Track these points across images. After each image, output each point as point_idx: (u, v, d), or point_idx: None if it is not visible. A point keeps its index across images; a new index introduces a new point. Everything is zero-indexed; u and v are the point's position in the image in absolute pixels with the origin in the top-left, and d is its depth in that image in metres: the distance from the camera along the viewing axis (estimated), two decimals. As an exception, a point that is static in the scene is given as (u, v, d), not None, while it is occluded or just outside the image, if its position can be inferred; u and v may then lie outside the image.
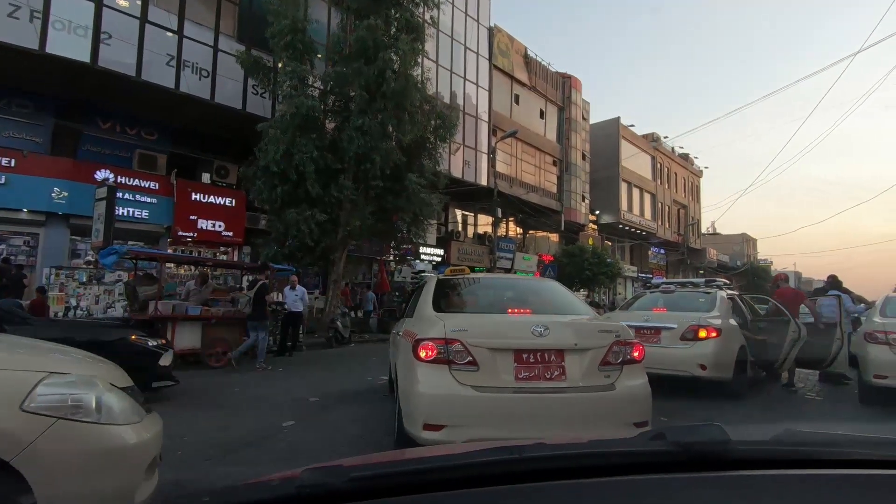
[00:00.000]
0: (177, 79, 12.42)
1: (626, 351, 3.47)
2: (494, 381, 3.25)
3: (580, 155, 29.11)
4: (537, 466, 0.86)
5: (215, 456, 3.71)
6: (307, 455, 3.72)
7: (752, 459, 0.91)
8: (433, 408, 3.24)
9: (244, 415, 5.03)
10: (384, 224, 13.56)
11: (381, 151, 11.92)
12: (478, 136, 21.53)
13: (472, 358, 3.26)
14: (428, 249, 21.19)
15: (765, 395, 6.74)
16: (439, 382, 3.24)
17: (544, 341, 3.33)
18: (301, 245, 12.00)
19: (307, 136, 11.84)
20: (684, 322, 6.24)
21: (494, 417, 3.23)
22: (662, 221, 39.29)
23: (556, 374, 3.31)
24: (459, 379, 3.23)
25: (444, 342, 3.28)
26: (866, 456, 0.92)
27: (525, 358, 3.31)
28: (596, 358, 3.39)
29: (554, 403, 3.28)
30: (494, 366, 3.28)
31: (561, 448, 1.05)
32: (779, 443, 1.04)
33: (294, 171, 11.57)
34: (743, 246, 62.72)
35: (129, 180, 13.45)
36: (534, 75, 25.62)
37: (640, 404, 3.44)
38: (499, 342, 3.37)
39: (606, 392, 3.34)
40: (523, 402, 3.25)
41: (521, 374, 3.27)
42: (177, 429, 3.71)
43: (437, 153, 14.55)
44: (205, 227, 14.69)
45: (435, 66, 19.39)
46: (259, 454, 3.78)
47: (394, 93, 11.89)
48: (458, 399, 3.21)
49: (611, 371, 3.42)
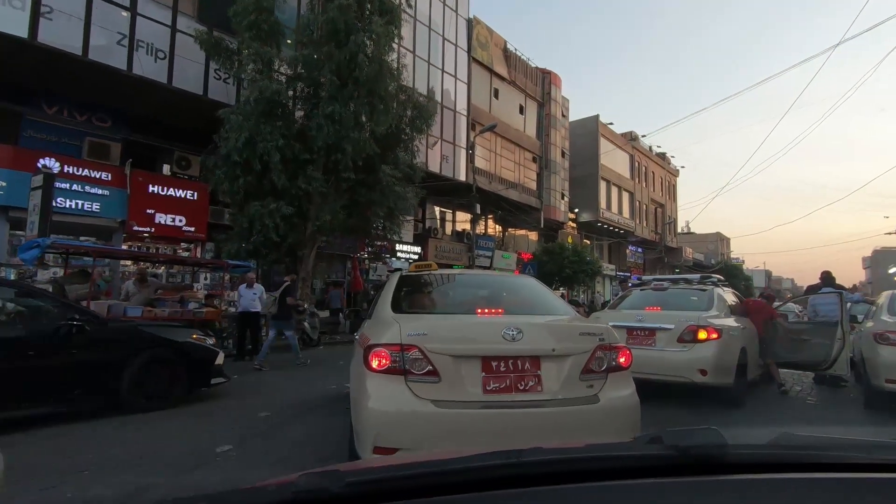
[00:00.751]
0: (129, 60, 11.43)
1: (611, 356, 3.01)
2: (459, 395, 2.76)
3: (560, 152, 28.75)
4: (534, 471, 0.86)
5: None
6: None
7: (748, 463, 0.92)
8: (384, 427, 2.71)
9: (173, 437, 4.27)
10: (357, 219, 12.79)
11: (352, 141, 11.17)
12: (456, 130, 20.89)
13: (433, 367, 2.75)
14: (404, 247, 20.46)
15: (758, 400, 6.26)
16: (393, 396, 2.73)
17: (517, 346, 2.84)
18: (266, 240, 11.16)
19: (272, 123, 11.02)
20: (682, 322, 5.56)
21: (458, 438, 2.69)
22: (640, 220, 39.36)
23: (530, 384, 2.83)
24: (417, 392, 2.73)
25: (400, 349, 2.77)
26: (862, 459, 0.92)
27: (495, 366, 2.82)
28: (577, 365, 2.92)
29: (528, 420, 2.77)
30: (459, 376, 2.78)
31: (558, 452, 1.05)
32: (775, 446, 1.05)
33: (258, 160, 10.73)
34: (717, 245, 63.73)
35: (78, 170, 12.38)
36: (513, 70, 25.11)
37: (628, 418, 2.97)
38: (464, 348, 2.86)
39: (589, 405, 2.85)
40: (492, 418, 2.74)
41: (489, 385, 2.79)
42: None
43: (413, 145, 13.85)
44: (163, 222, 13.68)
45: (412, 56, 18.69)
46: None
47: (366, 79, 11.15)
48: (414, 416, 2.70)
49: (594, 380, 2.94)
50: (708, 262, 54.95)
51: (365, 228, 13.36)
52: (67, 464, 3.42)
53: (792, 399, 6.42)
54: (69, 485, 3.09)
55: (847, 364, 6.28)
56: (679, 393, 5.66)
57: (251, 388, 6.54)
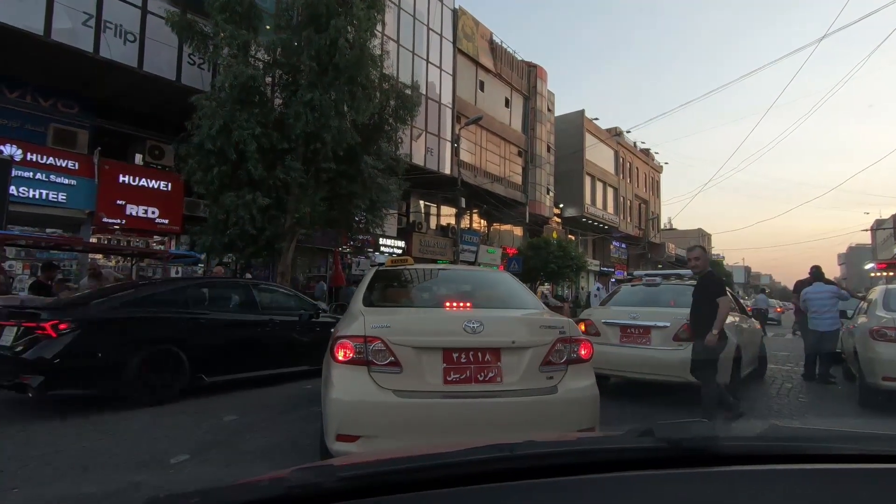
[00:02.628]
0: (96, 42, 10.84)
1: (571, 349, 3.12)
2: (419, 385, 2.87)
3: (545, 147, 28.58)
4: (527, 464, 0.86)
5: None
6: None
7: (738, 455, 0.91)
8: (347, 415, 2.83)
9: (125, 443, 3.89)
10: (338, 211, 12.36)
11: (332, 130, 10.72)
12: (441, 122, 20.53)
13: (395, 358, 2.87)
14: (388, 241, 20.11)
15: (748, 399, 6.09)
16: (355, 386, 2.85)
17: (478, 339, 2.95)
18: (242, 233, 10.69)
19: (248, 110, 10.51)
20: (678, 320, 5.27)
21: (418, 426, 2.82)
22: (624, 216, 39.48)
23: (490, 375, 2.94)
24: (380, 382, 2.85)
25: (363, 340, 2.89)
26: (852, 450, 0.94)
27: (455, 358, 2.92)
28: (537, 357, 3.03)
29: (488, 409, 2.88)
30: (420, 367, 2.89)
31: (550, 445, 1.07)
32: (764, 438, 1.07)
33: (233, 149, 10.24)
34: (699, 241, 64.52)
35: (42, 158, 11.78)
36: (499, 62, 24.80)
37: (587, 409, 3.08)
38: (426, 340, 2.98)
39: (547, 396, 2.98)
40: (452, 408, 2.87)
41: (450, 376, 2.90)
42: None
43: (396, 136, 13.45)
44: (135, 214, 13.13)
45: (396, 46, 18.26)
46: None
47: (347, 65, 10.71)
48: (375, 406, 2.82)
49: (554, 372, 3.06)
50: (690, 257, 55.56)
51: (346, 221, 12.92)
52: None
53: (783, 397, 6.27)
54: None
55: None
56: (668, 389, 5.45)
57: (219, 388, 6.16)
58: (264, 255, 11.91)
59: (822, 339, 6.91)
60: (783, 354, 10.98)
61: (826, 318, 6.92)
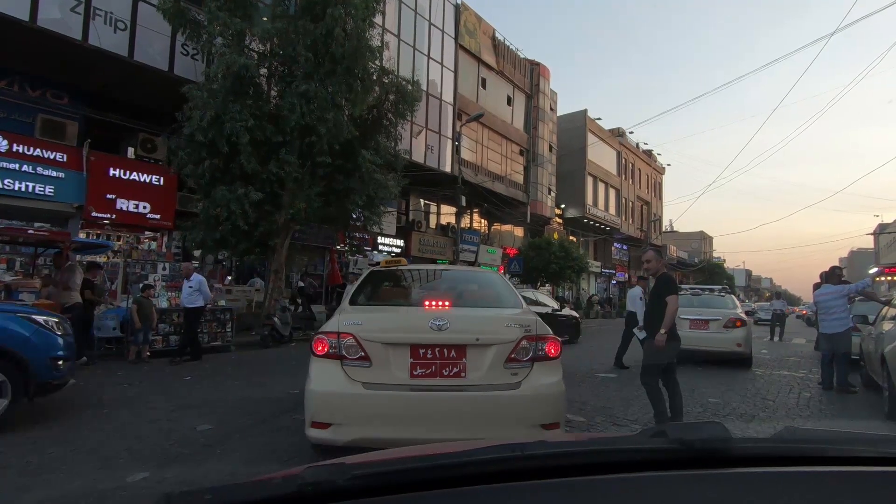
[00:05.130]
0: (85, 30, 10.46)
1: (537, 347, 3.19)
2: (387, 378, 3.05)
3: (547, 146, 28.19)
4: (539, 464, 0.86)
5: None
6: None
7: (753, 457, 0.89)
8: (320, 405, 3.08)
9: (79, 457, 3.48)
10: (334, 208, 11.99)
11: (328, 123, 10.37)
12: (442, 119, 20.15)
13: (365, 353, 3.06)
14: (386, 239, 19.72)
15: (769, 409, 5.70)
16: (329, 378, 3.08)
17: (443, 336, 3.09)
18: (234, 229, 10.32)
19: (242, 101, 10.17)
20: (726, 315, 9.00)
21: (384, 417, 3.02)
22: (626, 217, 39.09)
23: (455, 371, 3.08)
24: (351, 375, 3.06)
25: (336, 336, 3.12)
26: (868, 453, 0.92)
27: (422, 353, 3.08)
28: (501, 354, 3.13)
29: (452, 403, 3.05)
30: (388, 361, 3.07)
31: (562, 446, 1.06)
32: (780, 440, 1.05)
33: (225, 141, 9.88)
34: (700, 243, 64.12)
35: (29, 149, 11.38)
36: (502, 59, 24.41)
37: (549, 405, 3.18)
38: (394, 336, 3.17)
39: (510, 391, 3.08)
40: (417, 401, 3.04)
41: (416, 370, 3.06)
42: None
43: (395, 131, 13.08)
44: (126, 209, 12.73)
45: (397, 40, 17.89)
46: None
47: (343, 55, 10.36)
48: (345, 396, 3.03)
49: (518, 368, 3.15)
50: (691, 260, 55.21)
51: (343, 218, 12.56)
52: None
53: (802, 408, 5.88)
54: None
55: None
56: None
57: (195, 390, 5.78)
58: (257, 252, 11.55)
59: (833, 342, 6.51)
60: (794, 360, 10.60)
61: (834, 319, 6.53)
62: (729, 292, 10.42)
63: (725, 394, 6.38)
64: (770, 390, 6.72)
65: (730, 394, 6.40)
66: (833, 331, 6.46)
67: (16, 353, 4.15)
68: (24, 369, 4.15)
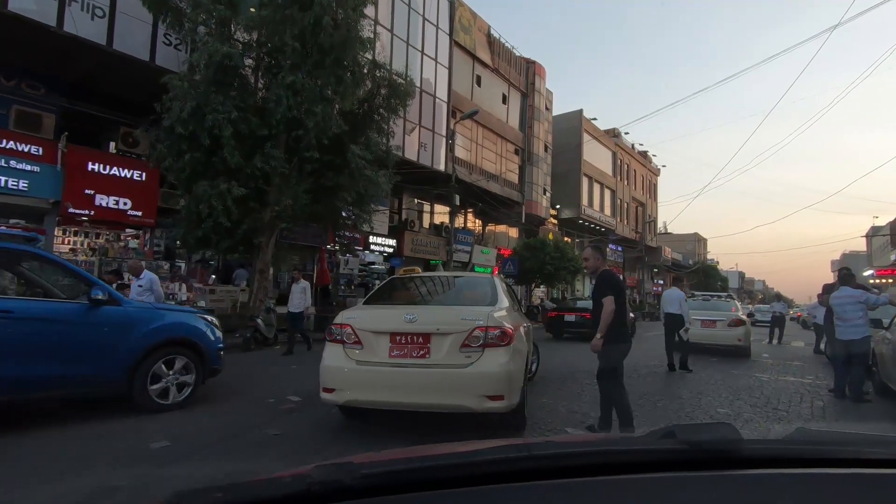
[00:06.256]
0: (60, 16, 9.96)
1: (488, 336, 3.89)
2: (373, 357, 3.99)
3: (542, 146, 27.84)
4: (546, 464, 0.86)
5: None
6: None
7: (764, 458, 0.88)
8: (327, 375, 4.08)
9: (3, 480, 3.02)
10: (323, 205, 11.54)
11: (316, 116, 9.93)
12: (436, 116, 19.73)
13: (358, 339, 4.04)
14: (378, 239, 19.27)
15: (784, 420, 5.32)
16: (334, 357, 4.10)
17: (413, 327, 3.97)
18: (217, 226, 9.84)
19: (225, 92, 9.70)
20: (730, 316, 11.19)
21: (370, 384, 3.97)
22: (621, 218, 38.83)
23: (421, 353, 3.92)
24: (348, 355, 4.05)
25: (340, 326, 4.13)
26: (880, 455, 0.90)
27: (398, 339, 3.97)
28: (457, 341, 3.90)
29: (418, 376, 3.89)
30: (374, 345, 4.00)
31: (570, 446, 1.06)
32: (790, 441, 1.04)
33: (207, 134, 9.41)
34: (695, 245, 64.03)
35: (2, 142, 10.85)
36: (497, 57, 24.03)
37: (494, 381, 3.83)
38: (378, 327, 4.08)
39: (462, 369, 3.85)
40: (394, 373, 3.92)
41: (393, 352, 3.96)
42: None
43: (387, 127, 12.66)
44: (105, 205, 12.21)
45: (390, 35, 17.47)
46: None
47: (332, 45, 9.92)
48: (343, 370, 4.02)
49: (471, 352, 3.88)
50: (686, 262, 55.07)
51: (332, 216, 12.11)
52: None
53: (818, 419, 5.51)
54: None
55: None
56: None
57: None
58: (241, 251, 11.07)
59: (850, 349, 6.14)
60: (797, 364, 10.27)
61: (851, 326, 6.17)
62: (732, 298, 12.89)
63: (734, 403, 6.01)
64: (780, 398, 6.35)
65: (738, 403, 6.02)
66: (850, 337, 6.08)
67: (197, 344, 5.23)
68: (202, 357, 5.23)
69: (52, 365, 4.23)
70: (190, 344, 5.15)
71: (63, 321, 4.41)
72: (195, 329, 5.28)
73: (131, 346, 4.73)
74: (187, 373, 5.08)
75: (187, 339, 5.15)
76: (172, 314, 5.36)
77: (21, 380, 4.11)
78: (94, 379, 4.50)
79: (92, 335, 4.54)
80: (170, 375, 4.94)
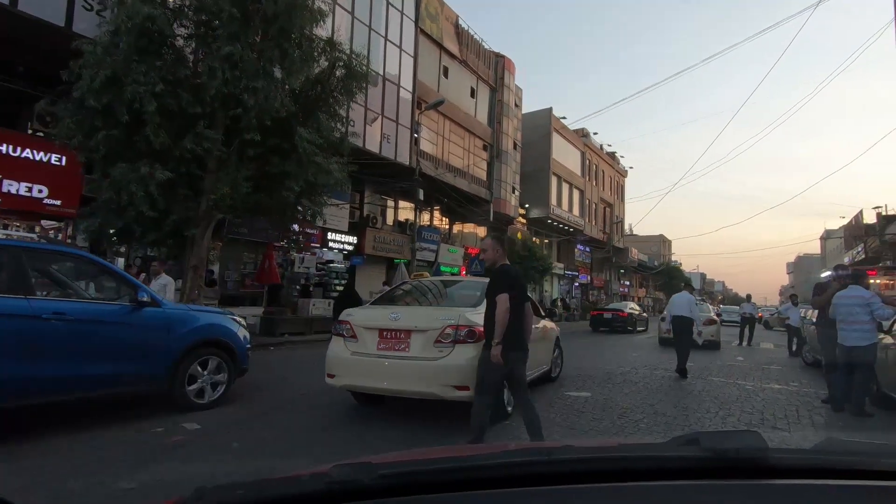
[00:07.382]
0: (-51, -34, 8.47)
1: (458, 333, 4.41)
2: (365, 349, 4.75)
3: (512, 143, 27.15)
4: (565, 469, 0.85)
5: None
6: None
7: (790, 468, 0.84)
8: (330, 363, 4.90)
9: None
10: (267, 194, 10.33)
11: (257, 93, 8.77)
12: (400, 107, 18.69)
13: (353, 333, 4.83)
14: (338, 236, 18.09)
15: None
16: (336, 348, 4.92)
17: (396, 324, 4.70)
18: (139, 216, 8.56)
19: (149, 62, 8.42)
20: (704, 316, 12.91)
21: (361, 372, 4.72)
22: (590, 219, 38.64)
23: (403, 347, 4.60)
24: (347, 346, 4.85)
25: (342, 323, 4.97)
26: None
27: (385, 334, 4.70)
28: (431, 337, 4.50)
29: (399, 366, 4.55)
30: (366, 339, 4.77)
31: (589, 451, 1.05)
32: (819, 451, 1.00)
33: (126, 109, 8.12)
34: (660, 246, 64.98)
35: None
36: (465, 48, 23.17)
37: (461, 373, 4.27)
38: (370, 323, 4.85)
39: (434, 362, 4.44)
40: (379, 363, 4.62)
41: (380, 345, 4.69)
42: None
43: (343, 111, 11.54)
44: (16, 192, 10.69)
45: (350, 17, 16.36)
46: None
47: (276, 15, 8.79)
48: (341, 359, 4.84)
49: (443, 347, 4.45)
50: (651, 263, 55.73)
51: (278, 207, 10.89)
52: None
53: (821, 436, 4.78)
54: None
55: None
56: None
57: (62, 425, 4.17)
58: (170, 245, 9.76)
59: (854, 356, 5.46)
60: (776, 369, 9.72)
61: (856, 330, 5.49)
62: (705, 301, 14.44)
63: (726, 419, 5.22)
64: (774, 410, 5.64)
65: (729, 419, 5.25)
66: (855, 343, 5.38)
67: (229, 345, 5.47)
68: (233, 357, 5.49)
69: (105, 364, 4.44)
70: (223, 345, 5.43)
71: (111, 322, 4.60)
72: (228, 330, 5.56)
73: (171, 346, 4.97)
74: (220, 372, 5.34)
75: (221, 339, 5.44)
76: (207, 315, 5.62)
77: (78, 379, 4.31)
78: (140, 378, 4.79)
79: (137, 335, 4.78)
80: (205, 375, 5.19)
